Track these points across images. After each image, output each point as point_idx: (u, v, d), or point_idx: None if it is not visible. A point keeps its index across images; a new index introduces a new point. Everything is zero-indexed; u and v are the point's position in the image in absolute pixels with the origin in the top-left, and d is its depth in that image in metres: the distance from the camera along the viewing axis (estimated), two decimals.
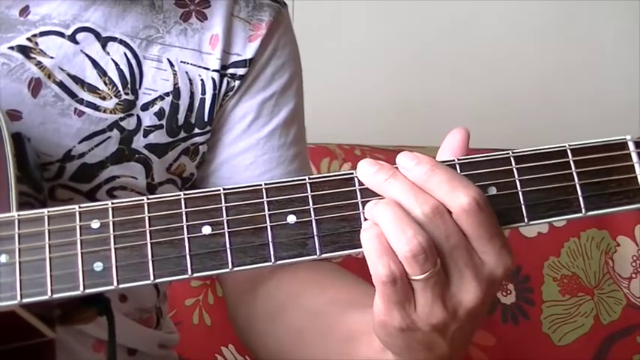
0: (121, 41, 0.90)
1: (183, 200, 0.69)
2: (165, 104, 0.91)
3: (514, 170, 0.70)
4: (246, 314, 0.97)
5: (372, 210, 0.68)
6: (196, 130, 0.93)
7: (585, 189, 0.70)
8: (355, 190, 0.70)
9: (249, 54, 0.95)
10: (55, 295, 0.68)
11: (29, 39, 0.87)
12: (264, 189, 0.69)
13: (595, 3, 1.99)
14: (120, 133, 0.89)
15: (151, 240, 0.68)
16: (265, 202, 0.69)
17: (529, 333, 1.48)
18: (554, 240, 1.52)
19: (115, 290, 0.68)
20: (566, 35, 2.03)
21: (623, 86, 1.99)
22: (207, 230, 0.68)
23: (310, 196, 0.69)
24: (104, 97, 0.89)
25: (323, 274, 0.93)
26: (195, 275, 0.68)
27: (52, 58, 0.87)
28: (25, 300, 0.68)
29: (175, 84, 0.91)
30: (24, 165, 0.77)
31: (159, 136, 0.91)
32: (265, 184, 0.69)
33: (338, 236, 0.69)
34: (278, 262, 0.69)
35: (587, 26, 2.03)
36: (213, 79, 0.93)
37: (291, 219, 0.69)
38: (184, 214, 0.68)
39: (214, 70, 0.93)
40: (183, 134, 0.93)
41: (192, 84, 0.92)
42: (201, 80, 0.93)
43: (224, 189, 0.69)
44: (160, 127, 0.91)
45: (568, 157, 0.71)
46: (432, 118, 1.98)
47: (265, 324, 0.94)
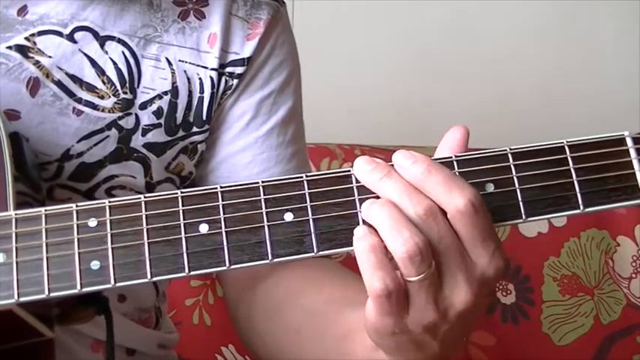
0: (120, 40, 0.90)
1: (180, 198, 0.69)
2: (164, 103, 0.91)
3: (512, 167, 0.70)
4: (247, 313, 0.97)
5: (369, 210, 0.68)
6: (195, 129, 0.93)
7: (583, 185, 0.70)
8: (352, 188, 0.69)
9: (247, 53, 0.94)
10: (53, 294, 0.68)
11: (27, 38, 0.87)
12: (261, 187, 0.69)
13: (595, 3, 1.99)
14: (118, 132, 0.89)
15: (148, 238, 0.68)
16: (262, 200, 0.69)
17: (529, 333, 1.48)
18: (554, 240, 1.51)
19: (113, 289, 0.68)
20: (566, 35, 2.03)
21: (623, 86, 1.99)
22: (204, 229, 0.68)
23: (307, 194, 0.69)
24: (102, 96, 0.89)
25: (321, 271, 0.92)
26: (193, 273, 0.68)
27: (50, 57, 0.87)
28: (23, 299, 0.68)
29: (174, 83, 0.91)
30: (21, 164, 0.77)
31: (157, 135, 0.91)
32: (262, 181, 0.69)
33: (335, 234, 0.69)
34: (275, 260, 0.69)
35: (587, 26, 2.03)
36: (211, 77, 0.93)
37: (288, 217, 0.69)
38: (181, 212, 0.68)
39: (212, 69, 0.93)
40: (181, 133, 0.93)
41: (190, 83, 0.92)
42: (200, 79, 0.93)
43: (221, 187, 0.69)
44: (159, 125, 0.91)
45: (566, 154, 0.70)
46: (432, 118, 1.98)
47: (264, 322, 0.94)
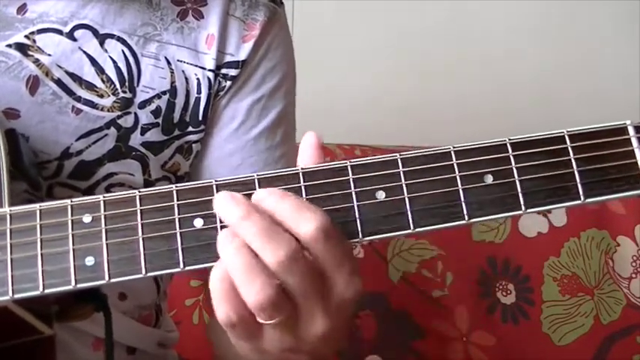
0: (119, 38, 0.90)
1: (175, 193, 0.68)
2: (162, 102, 0.91)
3: (511, 157, 0.69)
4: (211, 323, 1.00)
5: (223, 250, 0.65)
6: (190, 129, 0.93)
7: (584, 175, 0.68)
8: (348, 180, 0.69)
9: (242, 55, 0.94)
10: (47, 291, 0.68)
11: (27, 36, 0.87)
12: (256, 180, 0.69)
13: (595, 3, 1.99)
14: (117, 130, 0.89)
15: (143, 234, 0.68)
16: None
17: (529, 333, 1.48)
18: (554, 240, 1.51)
19: (107, 284, 0.68)
20: (566, 35, 2.03)
21: (622, 86, 1.98)
22: (199, 223, 0.68)
23: (303, 187, 0.69)
24: (102, 95, 0.88)
25: None
26: (188, 268, 0.67)
27: (49, 55, 0.87)
28: (17, 295, 0.68)
29: (172, 82, 0.91)
30: (17, 161, 0.77)
31: (155, 134, 0.91)
32: (257, 175, 0.69)
33: None
34: None
35: (587, 26, 2.02)
36: (208, 78, 0.93)
37: None
38: (176, 207, 0.68)
39: (210, 70, 0.93)
40: (177, 132, 0.93)
41: (188, 83, 0.92)
42: (197, 79, 0.93)
43: (216, 181, 0.69)
44: (156, 125, 0.91)
45: (566, 144, 0.69)
46: (431, 117, 1.97)
47: (215, 335, 0.96)
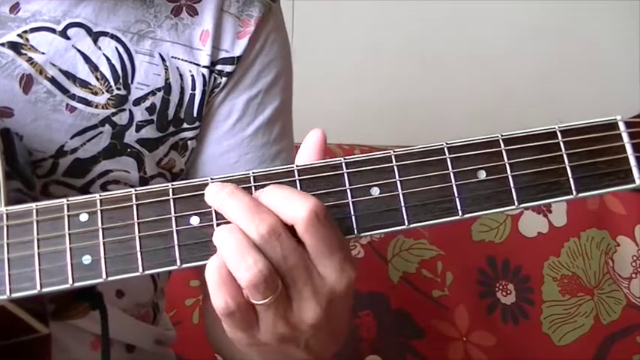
0: (113, 36, 0.89)
1: (171, 191, 0.68)
2: (157, 99, 0.91)
3: (503, 153, 0.69)
4: (207, 318, 1.01)
5: (216, 235, 0.67)
6: (185, 125, 0.93)
7: (576, 170, 0.69)
8: (343, 177, 0.69)
9: (237, 52, 0.94)
10: (45, 289, 0.68)
11: (20, 35, 0.87)
12: (251, 177, 0.69)
13: (595, 3, 1.99)
14: (112, 128, 0.89)
15: (139, 232, 0.68)
16: (253, 190, 0.69)
17: (529, 333, 1.48)
18: (554, 240, 1.51)
19: (104, 283, 0.68)
20: (566, 35, 2.03)
21: (622, 86, 1.98)
22: (195, 221, 0.68)
23: (298, 182, 0.69)
24: (96, 93, 0.88)
25: None
26: (184, 266, 0.67)
27: (43, 53, 0.87)
28: (15, 295, 0.68)
29: (167, 79, 0.91)
30: (13, 161, 0.76)
31: (150, 131, 0.91)
32: (253, 172, 0.69)
33: None
34: None
35: (587, 26, 2.02)
36: (203, 75, 0.93)
37: None
38: (172, 205, 0.68)
39: (204, 67, 0.93)
40: (172, 129, 0.92)
41: (182, 79, 0.92)
42: (192, 76, 0.92)
43: (211, 179, 0.69)
44: (151, 122, 0.91)
45: (558, 139, 0.70)
46: (432, 118, 1.97)
47: (212, 329, 0.98)
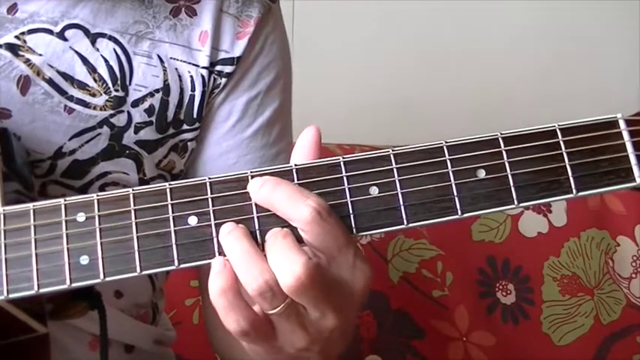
0: (111, 37, 0.89)
1: (168, 191, 0.68)
2: (155, 101, 0.90)
3: (503, 152, 0.69)
4: (208, 319, 1.01)
5: (224, 239, 0.67)
6: (185, 127, 0.93)
7: (576, 169, 0.69)
8: (342, 176, 0.69)
9: (237, 52, 0.94)
10: (42, 290, 0.68)
11: (17, 37, 0.87)
12: (249, 177, 0.69)
13: (595, 3, 1.99)
14: (110, 129, 0.89)
15: (137, 232, 0.67)
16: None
17: (529, 333, 1.47)
18: (554, 240, 1.51)
19: (102, 283, 0.68)
20: (566, 34, 2.03)
21: (622, 86, 1.98)
22: (193, 221, 0.68)
23: (296, 183, 0.68)
24: (94, 94, 0.88)
25: None
26: (182, 266, 0.67)
27: (40, 55, 0.87)
28: (12, 295, 0.68)
29: (165, 80, 0.91)
30: (10, 161, 0.76)
31: (149, 133, 0.91)
32: (251, 171, 0.69)
33: None
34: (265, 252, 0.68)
35: (587, 26, 2.02)
36: (202, 75, 0.92)
37: None
38: (170, 205, 0.68)
39: (204, 67, 0.92)
40: (171, 130, 0.92)
41: (181, 80, 0.92)
42: (191, 77, 0.92)
43: (209, 178, 0.68)
44: (150, 123, 0.90)
45: (558, 138, 0.69)
46: (431, 117, 1.97)
47: (213, 330, 0.98)
